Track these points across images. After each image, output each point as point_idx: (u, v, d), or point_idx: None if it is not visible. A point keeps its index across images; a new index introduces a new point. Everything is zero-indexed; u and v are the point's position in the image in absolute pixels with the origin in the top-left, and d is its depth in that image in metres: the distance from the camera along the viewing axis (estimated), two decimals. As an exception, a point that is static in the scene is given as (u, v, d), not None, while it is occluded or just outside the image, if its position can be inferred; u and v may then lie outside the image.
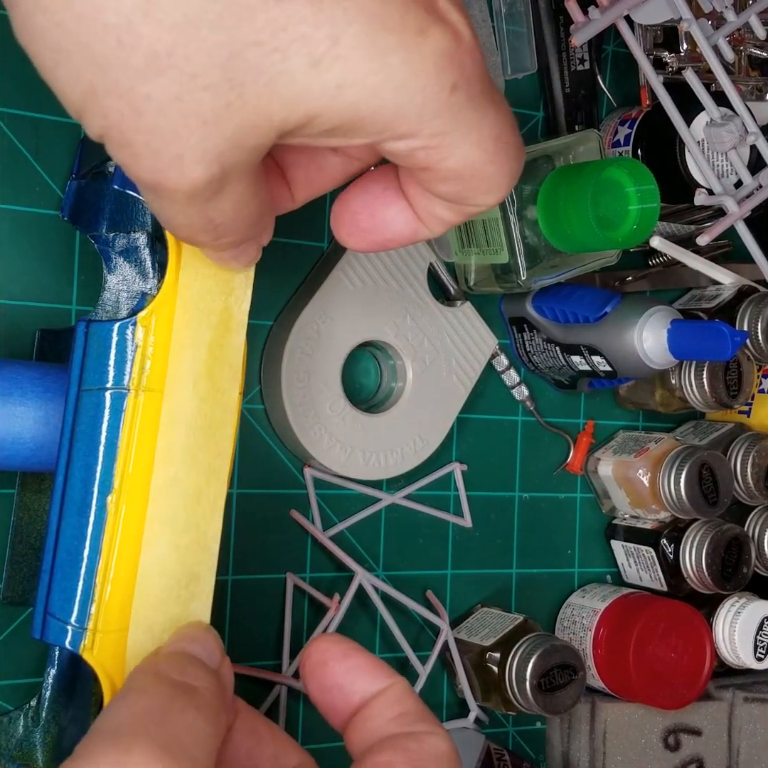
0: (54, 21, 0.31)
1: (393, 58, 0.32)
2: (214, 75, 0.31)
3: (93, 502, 0.46)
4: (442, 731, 0.37)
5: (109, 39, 0.30)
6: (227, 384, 0.47)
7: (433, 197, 0.38)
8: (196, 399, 0.46)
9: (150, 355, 0.46)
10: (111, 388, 0.46)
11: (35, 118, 0.57)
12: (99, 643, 0.45)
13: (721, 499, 0.71)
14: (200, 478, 0.46)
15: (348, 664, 0.39)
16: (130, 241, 0.57)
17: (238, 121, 0.32)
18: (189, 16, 0.30)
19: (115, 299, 0.57)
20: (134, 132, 0.32)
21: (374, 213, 0.40)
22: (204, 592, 0.47)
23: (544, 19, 0.70)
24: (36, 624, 0.47)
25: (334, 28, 0.31)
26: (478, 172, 0.36)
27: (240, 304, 0.47)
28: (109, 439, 0.46)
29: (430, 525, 0.69)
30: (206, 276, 0.46)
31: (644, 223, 0.61)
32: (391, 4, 0.32)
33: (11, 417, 0.50)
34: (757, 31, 0.68)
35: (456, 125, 0.34)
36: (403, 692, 0.39)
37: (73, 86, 0.32)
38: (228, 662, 0.42)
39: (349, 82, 0.32)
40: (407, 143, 0.34)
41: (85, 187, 0.57)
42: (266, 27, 0.31)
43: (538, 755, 0.74)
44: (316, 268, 0.65)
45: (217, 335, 0.46)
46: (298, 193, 0.42)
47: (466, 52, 0.33)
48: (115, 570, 0.45)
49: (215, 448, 0.47)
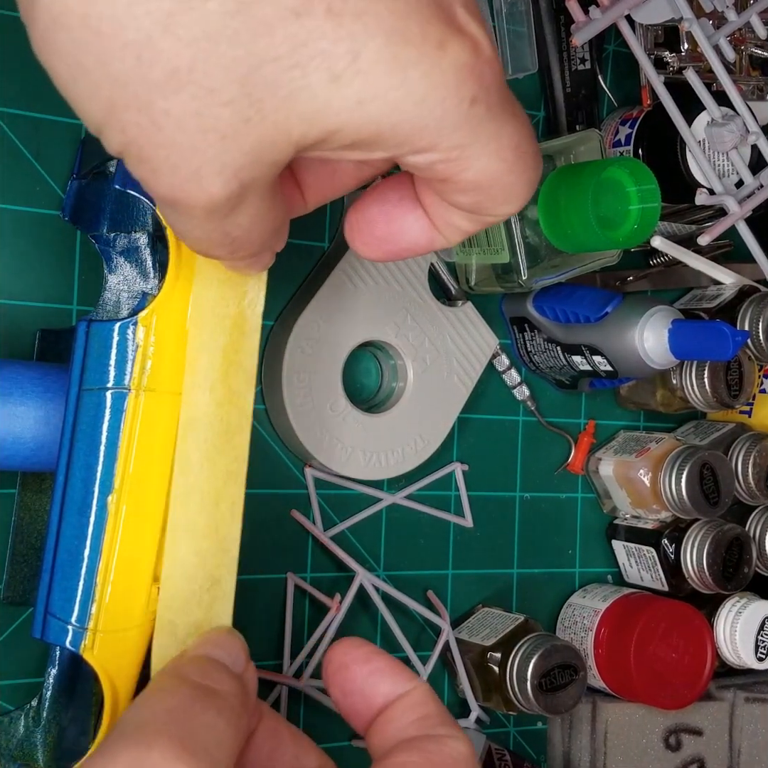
0: (73, 38, 0.31)
1: (413, 72, 0.32)
2: (233, 90, 0.31)
3: (93, 502, 0.46)
4: (462, 735, 0.38)
5: (129, 55, 0.30)
6: (243, 387, 0.47)
7: (451, 207, 0.38)
8: (213, 404, 0.46)
9: (151, 355, 0.46)
10: (112, 387, 0.46)
11: (35, 118, 0.57)
12: (99, 643, 0.45)
13: (722, 499, 0.71)
14: (218, 482, 0.46)
15: (370, 668, 0.40)
16: (131, 241, 0.57)
17: (257, 136, 0.32)
18: (208, 31, 0.30)
19: (116, 299, 0.57)
20: (153, 147, 0.32)
21: (390, 222, 0.40)
22: (225, 594, 0.47)
23: (545, 18, 0.70)
24: (36, 624, 0.47)
25: (355, 43, 0.31)
26: (498, 182, 0.36)
27: (254, 307, 0.47)
28: (109, 438, 0.46)
29: (431, 525, 0.69)
30: (220, 281, 0.46)
31: (645, 223, 0.61)
32: (410, 17, 0.31)
33: (12, 417, 0.50)
34: (758, 31, 0.68)
35: (476, 137, 0.34)
36: (425, 696, 0.39)
37: (92, 101, 0.32)
38: (252, 667, 0.42)
39: (370, 97, 0.32)
40: (427, 156, 0.34)
41: (85, 187, 0.57)
42: (285, 42, 0.31)
43: (539, 755, 0.74)
44: (317, 268, 0.65)
45: (232, 340, 0.47)
46: (310, 198, 0.42)
47: (485, 64, 0.33)
48: (115, 570, 0.45)
49: (232, 452, 0.47)
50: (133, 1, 0.30)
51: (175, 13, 0.30)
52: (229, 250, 0.37)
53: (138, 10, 0.30)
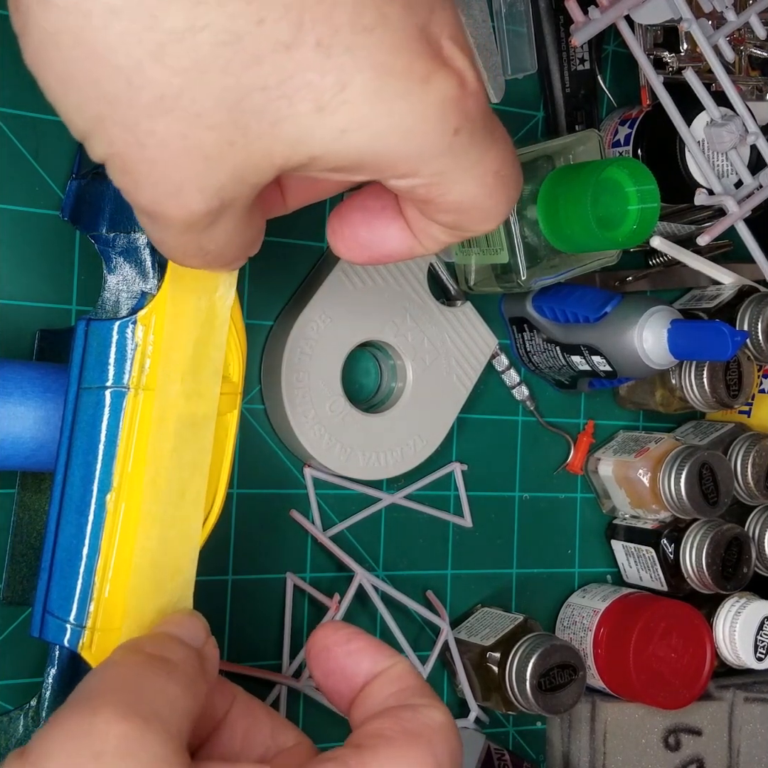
0: (65, 56, 0.31)
1: (398, 105, 0.32)
2: (220, 116, 0.31)
3: (92, 501, 0.46)
4: (440, 705, 0.38)
5: (119, 79, 0.31)
6: (210, 380, 0.47)
7: (431, 222, 0.39)
8: (183, 397, 0.46)
9: (150, 354, 0.46)
10: (111, 386, 0.46)
11: (35, 118, 0.57)
12: (98, 642, 0.46)
13: (722, 499, 0.71)
14: (185, 473, 0.47)
15: (350, 648, 0.40)
16: (130, 241, 0.57)
17: (241, 159, 0.32)
18: (198, 61, 0.30)
19: (115, 299, 0.57)
20: (137, 162, 0.33)
21: (373, 231, 0.41)
22: (187, 582, 0.47)
23: (545, 18, 0.70)
24: (35, 622, 0.47)
25: (342, 75, 0.31)
26: (477, 205, 0.36)
27: (224, 300, 0.48)
28: (108, 437, 0.46)
29: (430, 525, 0.69)
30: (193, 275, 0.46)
31: (644, 223, 0.61)
32: (398, 51, 0.32)
33: (11, 417, 0.50)
34: (757, 31, 0.68)
35: (457, 164, 0.34)
36: (404, 670, 0.39)
37: (81, 114, 0.32)
38: (213, 641, 0.42)
39: (354, 126, 0.32)
40: (408, 181, 0.35)
41: (85, 187, 0.57)
42: (274, 73, 0.31)
43: (539, 755, 0.74)
44: (316, 268, 0.65)
45: (203, 333, 0.47)
46: (291, 201, 0.42)
47: (470, 97, 0.33)
48: (114, 568, 0.46)
49: (199, 443, 0.47)
50: (126, 30, 0.30)
51: (167, 43, 0.30)
52: (203, 261, 0.38)
53: (130, 39, 0.30)
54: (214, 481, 0.50)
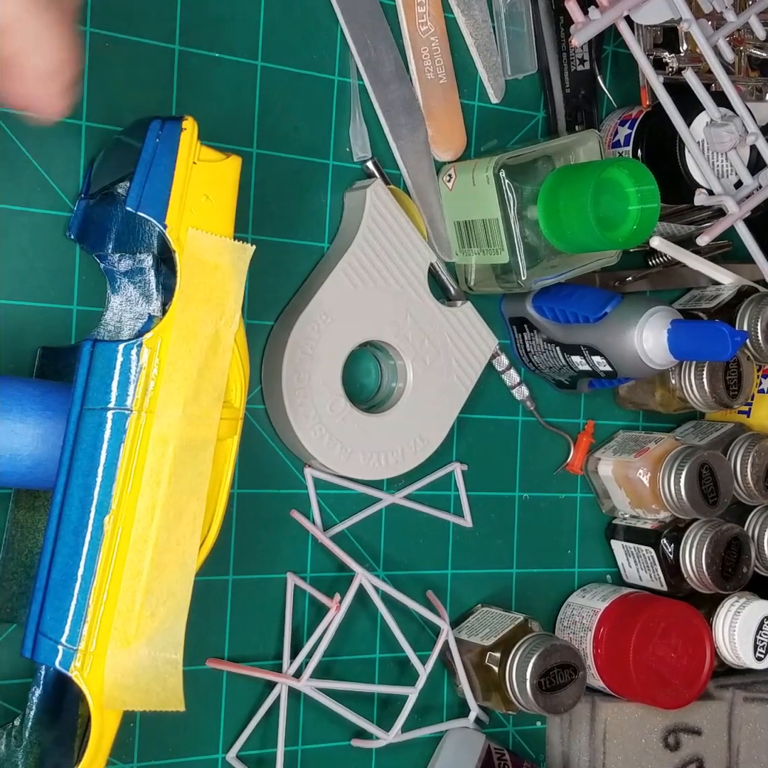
0: None
1: None
2: None
3: (90, 523, 0.46)
4: None
5: None
6: (211, 405, 0.47)
7: None
8: (184, 421, 0.46)
9: (154, 377, 0.46)
10: (113, 408, 0.46)
11: (36, 117, 0.57)
12: (90, 664, 0.45)
13: (721, 499, 0.71)
14: (182, 497, 0.47)
15: None
16: (136, 262, 0.57)
17: None
18: None
19: (118, 320, 0.57)
20: None
21: None
22: (180, 608, 0.47)
23: (544, 19, 0.70)
24: (27, 643, 0.46)
25: None
26: None
27: (228, 327, 0.48)
28: (109, 459, 0.46)
29: (430, 525, 0.70)
30: (201, 301, 0.47)
31: (644, 224, 0.61)
32: None
33: (10, 434, 0.49)
34: (757, 32, 0.69)
35: None
36: None
37: None
38: None
39: None
40: None
41: (93, 207, 0.57)
42: None
43: (539, 755, 0.74)
44: (316, 268, 0.65)
45: (207, 359, 0.47)
46: None
47: None
48: (109, 591, 0.45)
49: (197, 468, 0.47)
50: None
51: None
52: None
53: None
54: (212, 505, 0.50)
